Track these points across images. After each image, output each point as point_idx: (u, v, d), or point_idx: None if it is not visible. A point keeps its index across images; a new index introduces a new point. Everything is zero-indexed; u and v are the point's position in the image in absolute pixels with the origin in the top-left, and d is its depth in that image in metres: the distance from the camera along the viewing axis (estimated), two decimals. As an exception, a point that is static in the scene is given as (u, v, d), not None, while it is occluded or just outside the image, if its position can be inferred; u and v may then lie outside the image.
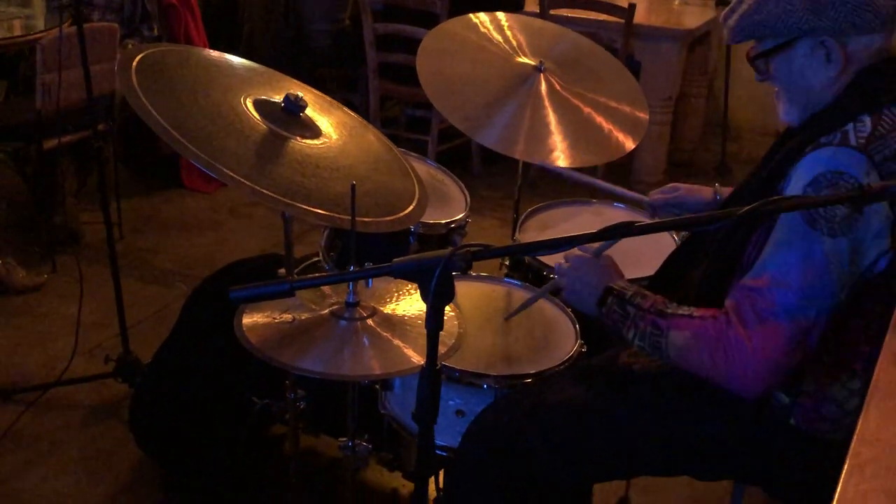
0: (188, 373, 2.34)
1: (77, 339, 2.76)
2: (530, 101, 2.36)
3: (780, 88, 1.61)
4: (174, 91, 1.66)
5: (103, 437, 2.67)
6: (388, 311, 1.71)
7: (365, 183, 1.74)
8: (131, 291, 3.43)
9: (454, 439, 1.82)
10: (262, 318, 1.64)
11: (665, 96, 4.50)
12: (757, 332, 1.44)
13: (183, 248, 3.89)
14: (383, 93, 4.63)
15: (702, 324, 1.50)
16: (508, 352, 1.91)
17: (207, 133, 1.59)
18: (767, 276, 1.45)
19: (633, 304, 1.59)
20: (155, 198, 4.35)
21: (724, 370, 1.47)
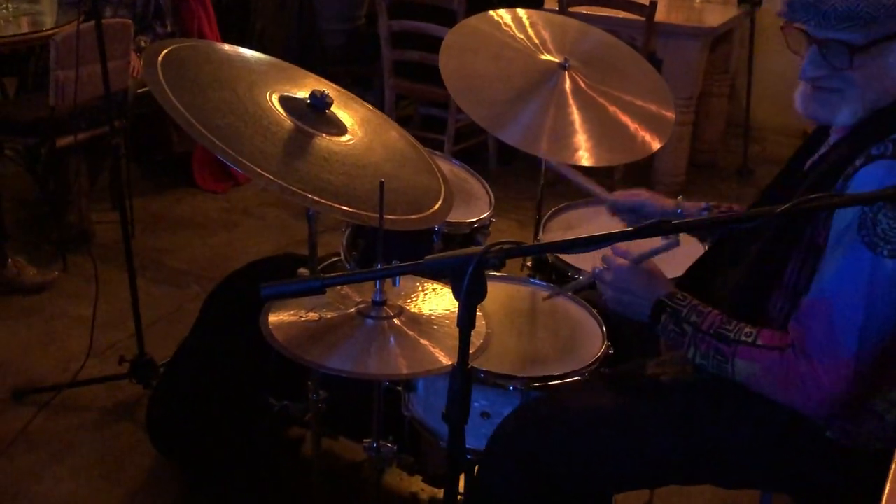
0: (206, 374, 2.36)
1: (92, 340, 2.78)
2: (554, 98, 2.37)
3: (841, 87, 1.51)
4: (200, 87, 1.68)
5: (118, 439, 2.69)
6: (414, 310, 1.73)
7: (391, 180, 1.75)
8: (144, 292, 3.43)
9: (479, 442, 1.83)
10: (289, 316, 1.66)
11: (686, 95, 4.51)
12: (826, 364, 1.45)
13: (196, 249, 3.92)
14: (398, 91, 4.66)
15: (769, 356, 1.50)
16: (534, 353, 1.93)
17: (235, 129, 1.61)
18: (830, 302, 1.45)
19: (690, 322, 1.58)
20: (167, 197, 4.39)
21: (796, 402, 1.49)
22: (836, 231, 1.46)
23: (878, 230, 1.41)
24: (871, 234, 1.41)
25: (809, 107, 1.56)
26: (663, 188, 4.59)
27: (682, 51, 4.42)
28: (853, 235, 1.42)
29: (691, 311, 1.59)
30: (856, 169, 1.45)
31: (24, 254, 3.61)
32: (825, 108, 1.55)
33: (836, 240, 1.46)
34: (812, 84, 1.55)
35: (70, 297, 3.44)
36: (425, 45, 4.21)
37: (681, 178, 4.72)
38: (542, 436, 1.69)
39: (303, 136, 1.71)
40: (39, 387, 2.86)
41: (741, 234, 1.70)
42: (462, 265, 1.29)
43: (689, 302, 1.61)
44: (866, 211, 1.41)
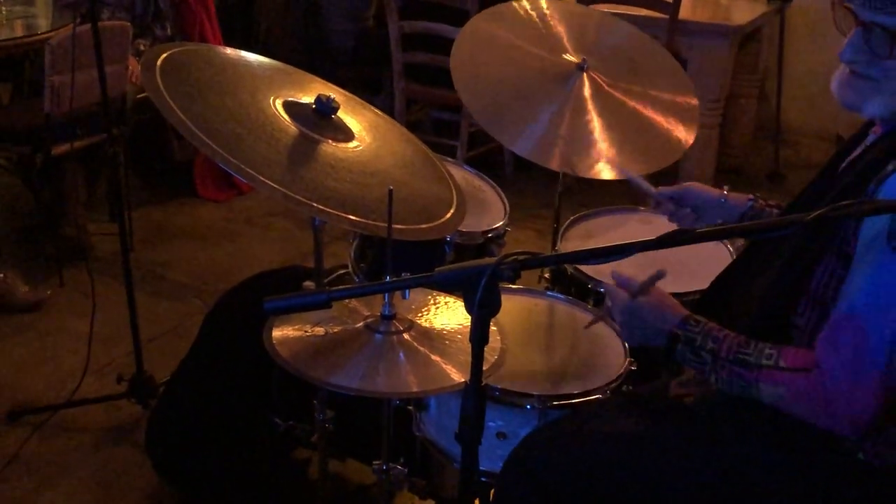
0: (208, 392, 2.37)
1: (89, 357, 2.80)
2: (571, 104, 2.36)
3: (878, 77, 1.51)
4: (201, 93, 1.70)
5: (116, 461, 2.70)
6: (425, 324, 1.73)
7: (401, 188, 1.76)
8: (144, 306, 3.44)
9: (495, 464, 1.83)
10: (293, 331, 1.67)
11: (713, 97, 4.49)
12: (856, 382, 1.45)
13: (197, 261, 3.94)
14: (409, 95, 4.67)
15: (795, 378, 1.50)
16: (552, 369, 1.93)
17: (237, 136, 1.62)
18: (859, 315, 1.44)
19: (707, 350, 1.58)
20: (167, 207, 4.41)
21: (827, 422, 1.49)
22: (864, 239, 1.46)
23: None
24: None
25: (842, 90, 1.58)
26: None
27: (707, 50, 4.41)
28: (882, 245, 1.42)
29: (706, 338, 1.59)
30: (888, 174, 1.45)
31: (17, 268, 3.63)
32: (857, 94, 1.56)
33: (864, 249, 1.46)
34: (849, 68, 1.56)
35: (66, 313, 3.46)
36: (437, 46, 4.23)
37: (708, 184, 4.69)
38: (561, 459, 1.68)
39: (308, 143, 1.72)
40: (34, 407, 2.87)
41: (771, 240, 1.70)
42: (474, 277, 1.29)
43: (702, 327, 1.60)
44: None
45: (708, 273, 1.89)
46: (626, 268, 2.25)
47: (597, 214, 2.59)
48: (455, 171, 2.39)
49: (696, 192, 2.07)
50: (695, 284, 2.15)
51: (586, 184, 4.70)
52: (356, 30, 4.85)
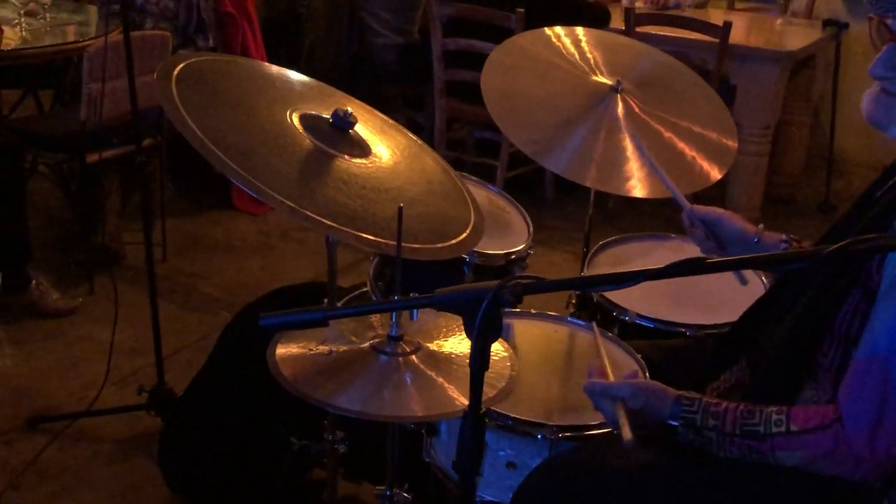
0: (222, 408, 2.37)
1: (109, 367, 2.81)
2: (605, 123, 2.35)
3: None
4: (216, 103, 1.70)
5: (132, 473, 2.71)
6: (434, 347, 1.71)
7: (415, 206, 1.75)
8: (172, 318, 3.51)
9: (505, 494, 1.80)
10: (298, 348, 1.66)
11: (763, 125, 4.44)
12: (879, 428, 1.41)
13: (229, 274, 3.97)
14: (450, 113, 4.67)
15: (812, 440, 1.46)
16: (568, 399, 1.89)
17: (248, 148, 1.62)
18: (883, 360, 1.41)
19: (710, 428, 1.53)
20: (203, 218, 4.45)
21: (851, 474, 1.46)
22: (889, 277, 1.42)
23: None
24: None
25: (870, 108, 1.55)
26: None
27: (758, 76, 4.35)
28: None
29: (706, 416, 1.54)
30: None
31: (50, 275, 3.67)
32: (885, 113, 1.53)
33: (888, 287, 1.42)
34: (880, 85, 1.53)
35: (95, 322, 3.49)
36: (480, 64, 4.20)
37: (755, 214, 4.62)
38: (571, 492, 1.64)
39: (322, 158, 1.71)
40: (53, 415, 2.90)
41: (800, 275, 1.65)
42: (475, 301, 1.26)
43: (698, 405, 1.56)
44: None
45: (738, 307, 1.85)
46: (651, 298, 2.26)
47: (627, 240, 2.56)
48: (479, 191, 2.38)
49: (729, 224, 1.99)
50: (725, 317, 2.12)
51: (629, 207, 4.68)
52: (400, 45, 4.86)
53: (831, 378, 1.50)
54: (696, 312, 2.24)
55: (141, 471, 2.71)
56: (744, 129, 4.41)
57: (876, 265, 1.44)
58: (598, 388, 1.64)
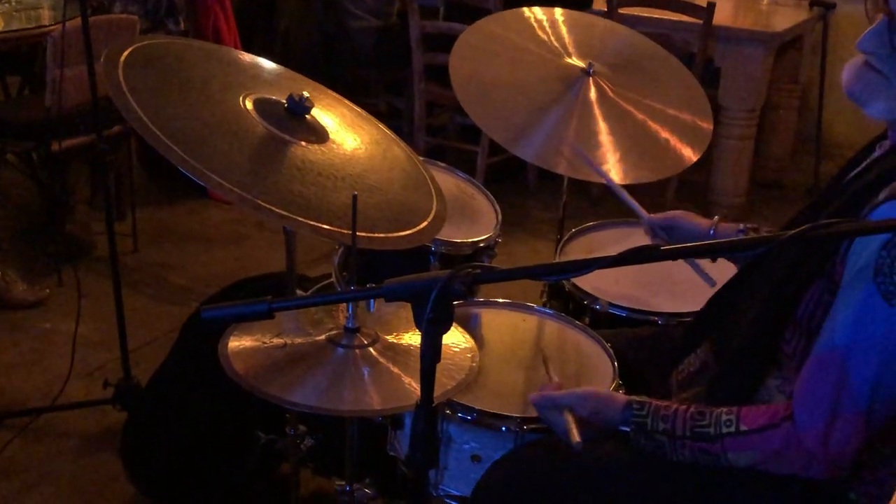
0: (185, 402, 2.35)
1: (73, 360, 2.79)
2: (577, 108, 2.34)
3: (890, 74, 1.47)
4: (165, 88, 1.67)
5: (98, 470, 2.69)
6: (393, 339, 1.69)
7: (374, 194, 1.73)
8: (142, 309, 3.49)
9: (470, 488, 1.78)
10: (251, 341, 1.64)
11: (748, 108, 4.42)
12: (832, 424, 1.41)
13: (202, 264, 3.94)
14: (430, 98, 4.64)
15: (762, 439, 1.46)
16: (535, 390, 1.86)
17: (197, 134, 1.60)
18: (841, 355, 1.40)
19: (660, 431, 1.53)
20: (176, 208, 4.42)
21: (805, 471, 1.46)
22: (850, 271, 1.41)
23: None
24: (889, 283, 1.35)
25: (851, 81, 1.52)
26: (720, 210, 4.49)
27: (743, 58, 4.33)
28: (868, 281, 1.37)
29: (656, 420, 1.54)
30: (879, 203, 1.40)
31: (18, 266, 3.64)
32: (865, 88, 1.50)
33: (849, 282, 1.41)
34: (865, 58, 1.51)
35: (62, 314, 3.46)
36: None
37: (741, 199, 4.62)
38: (534, 485, 1.63)
39: (276, 144, 1.69)
40: (18, 410, 2.87)
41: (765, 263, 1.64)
42: (425, 291, 1.25)
43: (647, 409, 1.56)
44: (883, 255, 1.36)
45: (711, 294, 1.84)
46: (624, 286, 2.25)
47: (601, 227, 2.56)
48: (446, 178, 2.36)
49: (684, 224, 2.03)
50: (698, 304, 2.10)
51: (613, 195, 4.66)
52: (378, 28, 4.83)
53: (796, 366, 1.49)
54: (670, 300, 2.24)
55: (107, 467, 2.69)
56: (729, 113, 4.41)
57: (840, 257, 1.43)
58: (543, 401, 1.64)
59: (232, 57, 1.95)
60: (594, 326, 2.09)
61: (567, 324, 2.07)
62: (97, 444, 2.79)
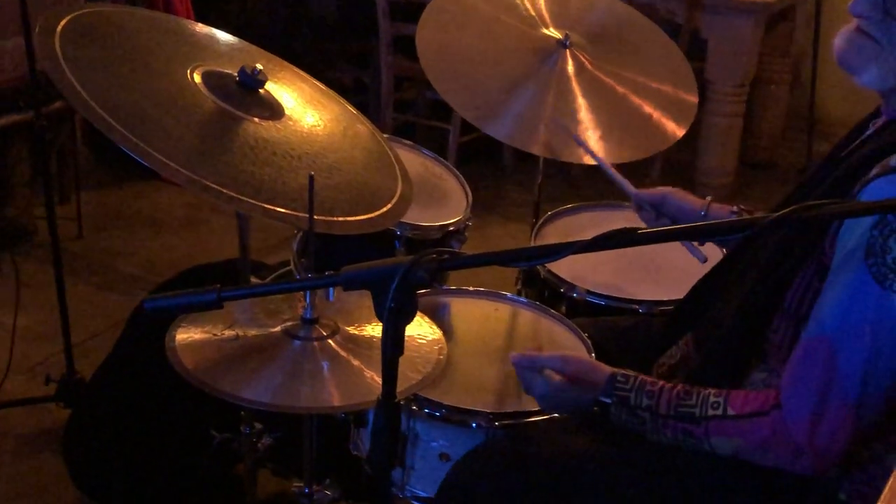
0: (134, 398, 2.33)
1: (12, 355, 2.76)
2: (553, 83, 2.34)
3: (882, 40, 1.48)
4: (106, 60, 1.66)
5: (39, 472, 2.66)
6: (354, 330, 1.69)
7: (333, 174, 1.72)
8: (87, 300, 3.45)
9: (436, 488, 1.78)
10: (201, 333, 1.63)
11: (737, 82, 4.42)
12: (820, 416, 1.42)
13: (153, 251, 3.91)
14: (399, 71, 4.61)
15: (749, 426, 1.47)
16: (507, 384, 1.87)
17: (141, 110, 1.58)
18: (830, 341, 1.41)
19: (643, 408, 1.54)
20: (124, 189, 4.37)
21: (791, 465, 1.46)
22: (840, 253, 1.42)
23: (889, 259, 1.36)
24: (880, 264, 1.36)
25: (842, 48, 1.54)
26: (708, 191, 4.51)
27: (731, 29, 4.34)
28: (859, 262, 1.38)
29: (640, 395, 1.55)
30: (870, 179, 1.41)
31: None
32: (857, 55, 1.52)
33: (840, 264, 1.41)
34: (858, 24, 1.52)
35: (1, 305, 3.42)
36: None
37: (729, 179, 4.64)
38: (501, 482, 1.64)
39: (226, 120, 1.68)
40: (-49, 409, 2.84)
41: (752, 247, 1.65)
42: (385, 278, 1.24)
43: (632, 382, 1.56)
44: (875, 235, 1.36)
45: (679, 276, 1.87)
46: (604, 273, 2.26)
47: (579, 210, 2.57)
48: (412, 157, 2.36)
49: (675, 202, 2.04)
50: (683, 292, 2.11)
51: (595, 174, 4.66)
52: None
53: (783, 357, 1.49)
54: (653, 287, 2.24)
55: (48, 468, 2.66)
56: (716, 88, 4.41)
57: (830, 239, 1.44)
58: (525, 360, 1.65)
59: (180, 26, 1.93)
60: (571, 316, 2.10)
61: (542, 313, 2.08)
62: (38, 445, 2.76)
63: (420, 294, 1.99)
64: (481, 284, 2.19)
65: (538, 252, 1.26)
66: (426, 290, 2.05)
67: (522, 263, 1.85)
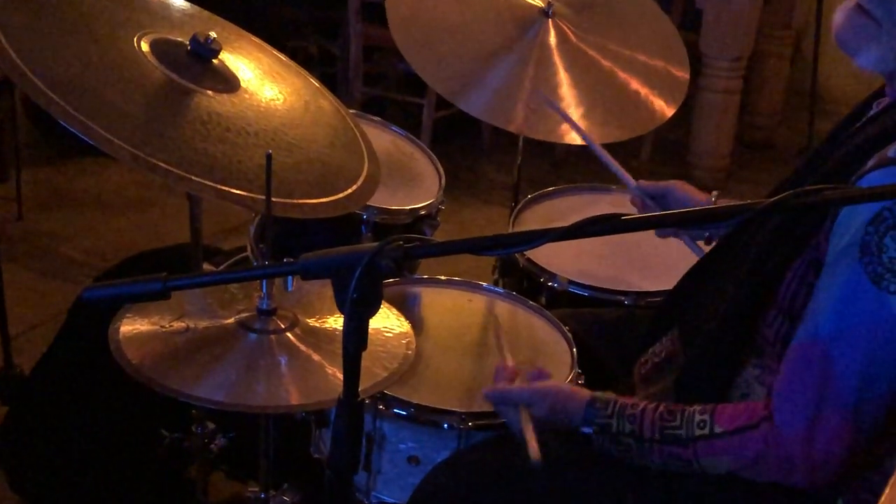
0: (77, 394, 2.32)
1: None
2: (534, 55, 2.35)
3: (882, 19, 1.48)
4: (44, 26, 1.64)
5: (-28, 474, 2.65)
6: (315, 322, 1.69)
7: (293, 153, 1.72)
8: (26, 287, 3.43)
9: (407, 494, 1.79)
10: (148, 325, 1.63)
11: (734, 56, 4.44)
12: (818, 429, 1.43)
13: (100, 234, 3.89)
14: (368, 40, 4.60)
15: (738, 442, 1.48)
16: (482, 382, 1.87)
17: (82, 82, 1.58)
18: (824, 345, 1.42)
19: (626, 433, 1.54)
20: (69, 167, 4.34)
21: (785, 479, 1.47)
22: (835, 249, 1.43)
23: (885, 258, 1.37)
24: (876, 263, 1.37)
25: (840, 25, 1.55)
26: (702, 173, 4.54)
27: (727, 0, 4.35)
28: (853, 261, 1.39)
29: (621, 420, 1.55)
30: (867, 171, 1.41)
31: None
32: (855, 35, 1.53)
33: (834, 261, 1.43)
34: (857, 1, 1.52)
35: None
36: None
37: (724, 162, 4.66)
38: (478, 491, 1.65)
39: (176, 93, 1.67)
40: None
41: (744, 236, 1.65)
42: (347, 266, 1.23)
43: (612, 408, 1.57)
44: (870, 232, 1.37)
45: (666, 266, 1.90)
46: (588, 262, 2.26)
47: (562, 193, 2.57)
48: (380, 134, 2.36)
49: (679, 196, 2.04)
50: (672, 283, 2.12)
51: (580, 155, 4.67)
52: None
53: (778, 353, 1.50)
54: (640, 277, 2.25)
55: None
56: (712, 62, 4.43)
57: (825, 231, 1.44)
58: (497, 396, 1.66)
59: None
60: (552, 307, 2.11)
61: (520, 305, 2.08)
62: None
63: (388, 284, 2.02)
64: (457, 273, 2.19)
65: (513, 239, 1.26)
66: (394, 279, 2.05)
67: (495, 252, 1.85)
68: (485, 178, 4.52)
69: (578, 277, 2.19)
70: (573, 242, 2.16)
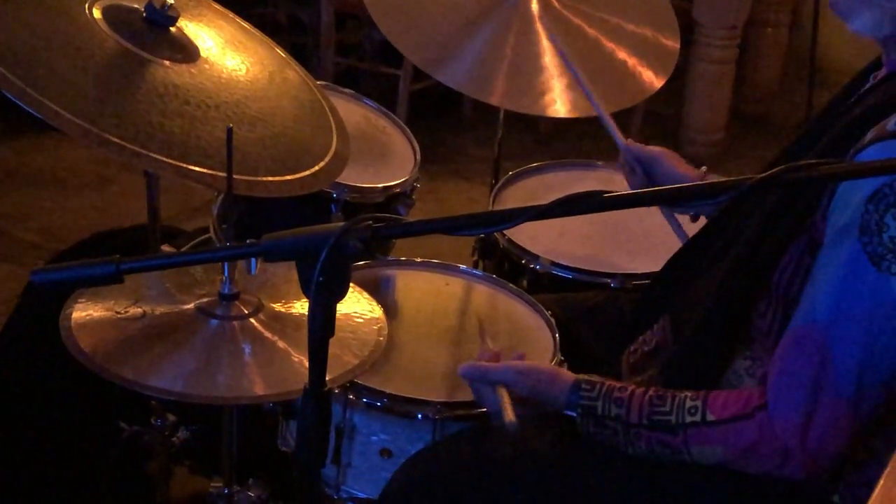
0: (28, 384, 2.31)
1: None
2: (514, 23, 2.34)
3: None
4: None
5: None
6: (280, 308, 1.69)
7: (256, 127, 1.73)
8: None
9: (379, 488, 1.79)
10: (101, 311, 1.62)
11: (728, 24, 4.46)
12: (814, 419, 1.43)
13: (55, 214, 3.89)
14: (341, 7, 4.59)
15: (733, 431, 1.48)
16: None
17: (29, 51, 1.57)
18: (822, 330, 1.43)
19: (612, 417, 1.55)
20: (21, 143, 4.33)
21: (778, 470, 1.48)
22: (832, 229, 1.43)
23: (885, 237, 1.37)
24: (876, 243, 1.37)
25: None
26: (696, 148, 4.55)
27: (723, -37, 4.37)
28: (853, 241, 1.39)
29: (608, 403, 1.55)
30: (864, 146, 1.41)
31: None
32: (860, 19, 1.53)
33: (832, 242, 1.43)
34: None
35: None
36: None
37: (719, 136, 4.68)
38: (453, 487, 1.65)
39: (131, 63, 1.67)
40: None
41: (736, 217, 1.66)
42: (312, 248, 1.23)
43: (598, 390, 1.57)
44: (870, 210, 1.37)
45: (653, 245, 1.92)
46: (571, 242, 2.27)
47: (545, 170, 2.58)
48: (351, 107, 2.36)
49: (665, 165, 2.05)
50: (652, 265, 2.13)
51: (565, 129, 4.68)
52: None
53: (771, 344, 1.51)
54: (628, 258, 2.26)
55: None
56: (705, 30, 4.44)
57: (822, 210, 1.45)
58: (475, 372, 1.66)
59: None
60: (533, 291, 2.11)
61: (500, 288, 2.09)
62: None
63: (360, 266, 2.02)
64: (436, 255, 2.19)
65: (490, 218, 1.26)
66: (366, 261, 2.05)
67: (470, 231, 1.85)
68: (465, 153, 4.52)
69: (561, 259, 2.19)
70: (556, 222, 2.17)
